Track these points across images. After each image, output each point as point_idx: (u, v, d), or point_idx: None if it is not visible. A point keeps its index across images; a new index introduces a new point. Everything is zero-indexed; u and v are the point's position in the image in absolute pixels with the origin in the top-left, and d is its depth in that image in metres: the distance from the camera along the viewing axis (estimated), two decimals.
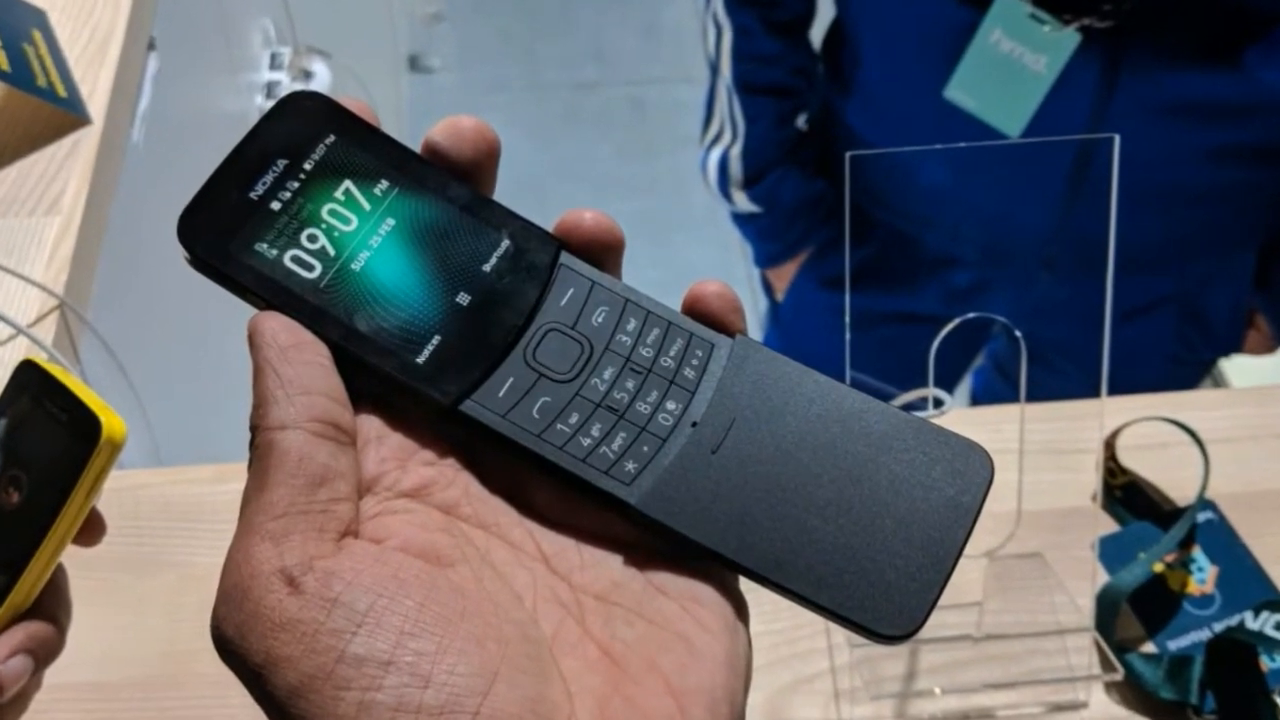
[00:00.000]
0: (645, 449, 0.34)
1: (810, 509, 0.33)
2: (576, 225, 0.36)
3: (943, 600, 0.32)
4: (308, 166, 0.35)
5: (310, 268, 0.34)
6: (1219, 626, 0.71)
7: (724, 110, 1.15)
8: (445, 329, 0.34)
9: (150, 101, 0.98)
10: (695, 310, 0.36)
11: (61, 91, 0.82)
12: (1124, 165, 0.66)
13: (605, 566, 0.33)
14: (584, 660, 0.31)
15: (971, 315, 0.68)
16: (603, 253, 0.36)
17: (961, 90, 0.98)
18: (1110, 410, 0.75)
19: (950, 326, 0.67)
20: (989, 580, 0.72)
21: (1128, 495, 0.77)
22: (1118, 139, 0.66)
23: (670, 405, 0.34)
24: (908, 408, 0.39)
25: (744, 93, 1.12)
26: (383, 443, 0.34)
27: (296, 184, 0.35)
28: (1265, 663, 0.69)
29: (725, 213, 1.24)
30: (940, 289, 1.12)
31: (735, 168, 1.16)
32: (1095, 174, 0.98)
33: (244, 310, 0.34)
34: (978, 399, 1.36)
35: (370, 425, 0.34)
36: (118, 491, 0.76)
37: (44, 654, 0.48)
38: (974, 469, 0.34)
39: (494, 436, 0.34)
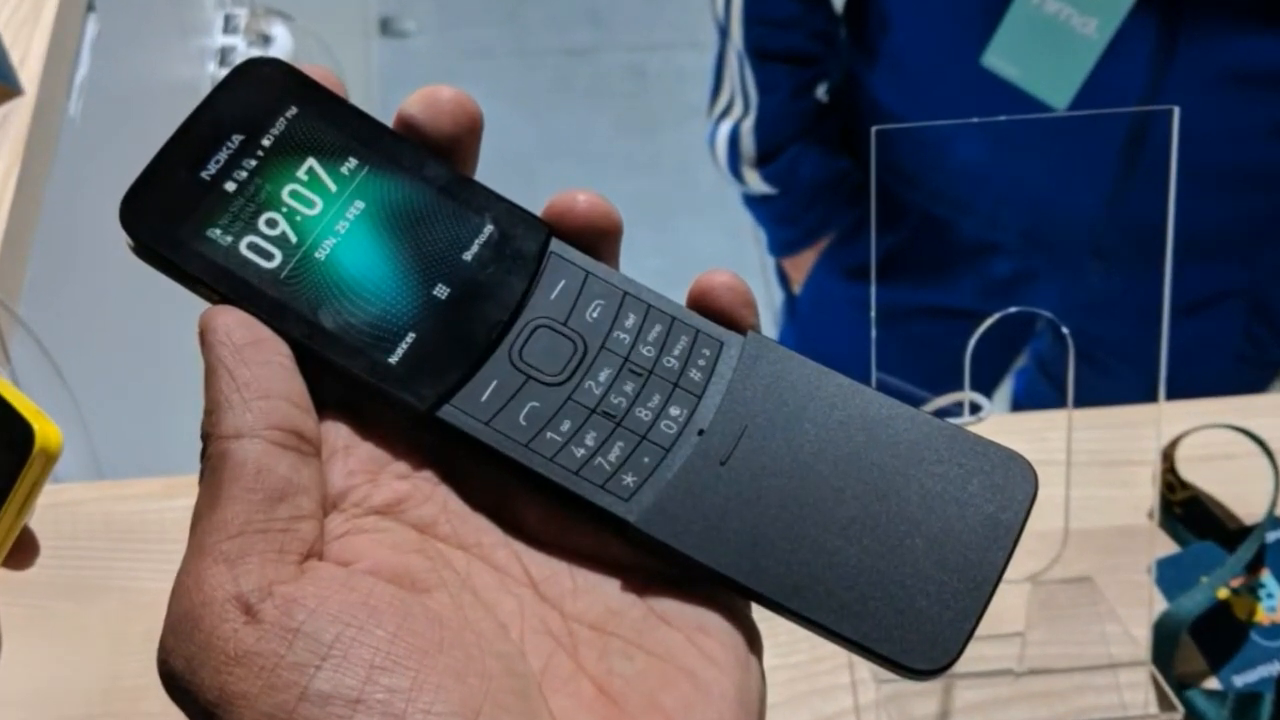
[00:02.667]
0: (646, 460, 0.34)
1: (831, 528, 0.33)
2: (569, 208, 0.36)
3: (980, 630, 0.32)
4: (266, 142, 0.35)
5: (269, 256, 0.34)
6: None
7: (735, 79, 1.15)
8: (421, 325, 0.34)
9: (89, 70, 0.98)
10: (702, 304, 0.36)
11: None
12: (1184, 141, 0.66)
13: (601, 592, 0.33)
14: (577, 698, 0.31)
15: (1013, 310, 0.68)
16: (598, 239, 0.36)
17: (1001, 57, 0.98)
18: (1169, 416, 0.75)
19: (989, 322, 0.67)
20: (1032, 608, 0.72)
21: (1188, 512, 0.77)
22: (1177, 111, 0.66)
23: (674, 411, 0.34)
24: (941, 413, 0.39)
25: (757, 59, 1.12)
26: (351, 453, 0.34)
27: (254, 162, 0.35)
28: None
29: (736, 194, 1.24)
30: (977, 280, 1.12)
31: (747, 143, 1.16)
32: (1152, 151, 0.98)
33: (195, 304, 0.34)
34: (1020, 404, 1.36)
35: (337, 434, 0.34)
36: (53, 508, 0.76)
37: None
38: (1015, 483, 0.34)
39: (476, 446, 0.34)
